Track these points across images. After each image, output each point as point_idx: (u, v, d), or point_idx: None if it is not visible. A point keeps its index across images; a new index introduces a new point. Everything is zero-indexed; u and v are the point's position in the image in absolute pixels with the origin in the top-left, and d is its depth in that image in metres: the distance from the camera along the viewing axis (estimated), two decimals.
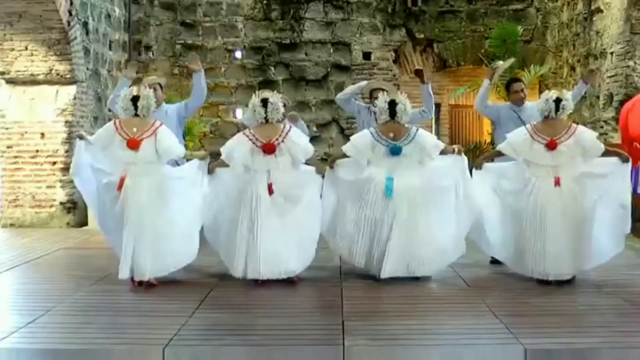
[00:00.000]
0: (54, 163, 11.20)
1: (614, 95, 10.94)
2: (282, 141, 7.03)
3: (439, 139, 7.93)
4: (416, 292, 6.85)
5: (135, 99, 6.95)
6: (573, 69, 12.73)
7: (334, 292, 6.74)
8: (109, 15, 12.76)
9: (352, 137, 7.45)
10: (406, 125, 7.23)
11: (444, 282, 7.24)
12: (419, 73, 8.32)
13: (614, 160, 7.16)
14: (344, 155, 7.32)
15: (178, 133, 7.63)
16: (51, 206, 11.22)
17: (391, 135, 7.13)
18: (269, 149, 6.98)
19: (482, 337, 5.33)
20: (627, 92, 10.65)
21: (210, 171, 7.20)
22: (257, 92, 7.22)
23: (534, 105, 7.61)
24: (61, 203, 11.21)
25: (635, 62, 10.64)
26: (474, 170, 7.39)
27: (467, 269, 7.62)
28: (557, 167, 7.01)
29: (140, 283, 6.90)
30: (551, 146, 7.00)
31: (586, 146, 7.05)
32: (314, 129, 7.76)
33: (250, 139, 7.05)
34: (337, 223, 7.27)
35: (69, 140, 11.10)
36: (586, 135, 7.16)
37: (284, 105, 7.36)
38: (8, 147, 11.24)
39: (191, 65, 7.97)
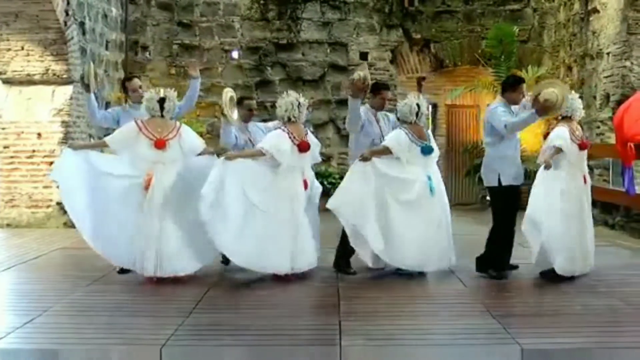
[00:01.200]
0: (51, 163, 11.12)
1: (610, 96, 10.96)
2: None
3: (435, 138, 7.99)
4: (413, 292, 6.86)
5: (162, 101, 7.22)
6: (570, 69, 12.74)
7: (330, 292, 6.75)
8: (105, 15, 12.74)
9: (390, 136, 7.49)
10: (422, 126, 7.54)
11: (441, 282, 7.26)
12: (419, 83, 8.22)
13: None
14: (384, 151, 7.39)
15: None
16: (48, 206, 11.20)
17: (417, 135, 7.40)
18: (304, 147, 7.24)
19: (479, 337, 5.34)
20: (623, 92, 10.66)
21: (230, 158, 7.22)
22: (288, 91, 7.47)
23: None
24: (58, 203, 11.16)
25: (631, 63, 10.66)
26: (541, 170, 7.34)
27: (464, 269, 7.63)
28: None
29: (158, 280, 7.05)
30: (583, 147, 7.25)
31: None
32: (311, 129, 7.75)
33: (290, 137, 7.23)
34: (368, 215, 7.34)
35: (66, 140, 11.08)
36: None
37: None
38: (4, 147, 11.22)
39: (190, 71, 8.05)
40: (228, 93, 7.59)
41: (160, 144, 7.11)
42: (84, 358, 5.09)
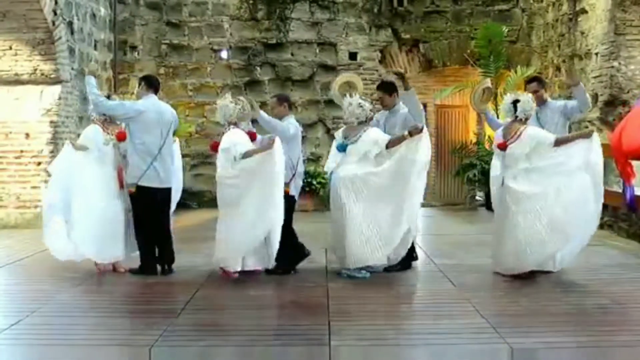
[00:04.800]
0: (39, 163, 11.13)
1: (598, 96, 11.00)
2: None
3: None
4: (402, 292, 6.87)
5: None
6: (558, 69, 12.78)
7: (320, 292, 6.74)
8: (94, 15, 12.70)
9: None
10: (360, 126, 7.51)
11: (430, 282, 7.26)
12: (401, 76, 7.82)
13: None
14: None
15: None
16: (36, 207, 11.13)
17: (347, 133, 7.55)
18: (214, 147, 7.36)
19: (468, 337, 5.35)
20: (611, 92, 10.71)
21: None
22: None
23: (555, 103, 7.69)
24: None
25: (619, 63, 10.70)
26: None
27: (453, 269, 7.65)
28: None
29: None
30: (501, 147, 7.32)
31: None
32: (300, 128, 7.74)
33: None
34: None
35: (54, 140, 11.05)
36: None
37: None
38: None
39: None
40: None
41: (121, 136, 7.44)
42: (73, 359, 5.07)
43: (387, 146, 7.33)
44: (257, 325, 5.62)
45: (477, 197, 14.40)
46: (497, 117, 9.17)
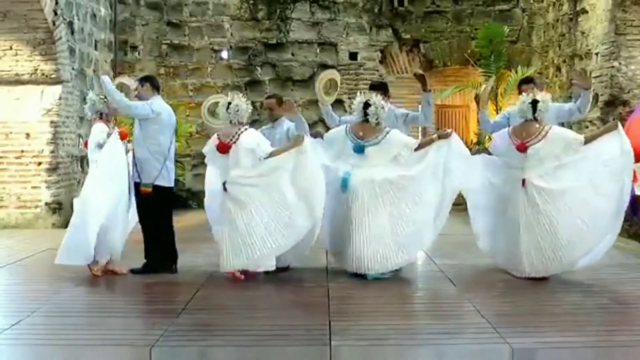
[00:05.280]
0: (39, 163, 11.13)
1: (599, 96, 10.99)
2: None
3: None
4: (403, 292, 6.87)
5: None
6: (559, 69, 12.77)
7: (320, 292, 6.74)
8: (94, 15, 12.70)
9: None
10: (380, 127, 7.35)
11: (431, 282, 7.27)
12: (420, 78, 7.75)
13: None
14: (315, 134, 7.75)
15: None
16: (36, 207, 11.15)
17: (357, 133, 7.34)
18: (222, 148, 7.19)
19: (468, 336, 5.35)
20: (612, 92, 10.70)
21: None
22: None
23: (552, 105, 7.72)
24: (46, 204, 11.14)
25: (620, 63, 10.69)
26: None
27: (454, 269, 7.65)
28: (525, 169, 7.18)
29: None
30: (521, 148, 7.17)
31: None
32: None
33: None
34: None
35: (55, 140, 11.05)
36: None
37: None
38: None
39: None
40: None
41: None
42: (73, 359, 5.06)
43: (416, 149, 7.29)
44: (257, 325, 5.61)
45: None
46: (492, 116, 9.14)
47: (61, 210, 11.18)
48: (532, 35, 14.02)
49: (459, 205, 7.73)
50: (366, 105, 7.28)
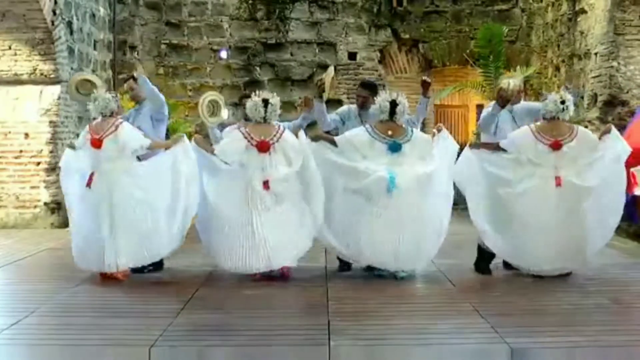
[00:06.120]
0: (38, 163, 11.13)
1: (598, 96, 10.99)
2: (277, 141, 7.23)
3: None
4: (402, 292, 6.86)
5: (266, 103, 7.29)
6: (558, 69, 12.78)
7: (319, 292, 6.74)
8: (93, 15, 12.69)
9: (350, 130, 7.55)
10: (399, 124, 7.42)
11: (430, 282, 7.26)
12: (425, 85, 7.93)
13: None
14: (327, 138, 7.52)
15: (153, 132, 7.70)
16: (35, 207, 11.14)
17: (386, 132, 7.31)
18: (263, 147, 7.14)
19: (467, 337, 5.34)
20: (611, 92, 10.71)
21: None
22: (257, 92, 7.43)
23: (532, 105, 7.70)
24: (45, 204, 11.14)
25: (618, 63, 10.69)
26: (467, 149, 7.57)
27: (453, 269, 7.65)
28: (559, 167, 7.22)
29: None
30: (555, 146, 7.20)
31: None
32: (280, 126, 7.74)
33: (245, 137, 7.22)
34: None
35: (53, 140, 11.04)
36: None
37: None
38: None
39: (133, 72, 7.98)
40: (207, 99, 7.89)
41: (95, 143, 7.14)
42: (72, 359, 5.06)
43: None
44: (257, 325, 5.61)
45: None
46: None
47: (60, 210, 11.16)
48: (531, 35, 14.03)
49: (457, 205, 7.72)
50: (393, 104, 7.31)
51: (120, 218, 7.05)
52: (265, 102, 7.25)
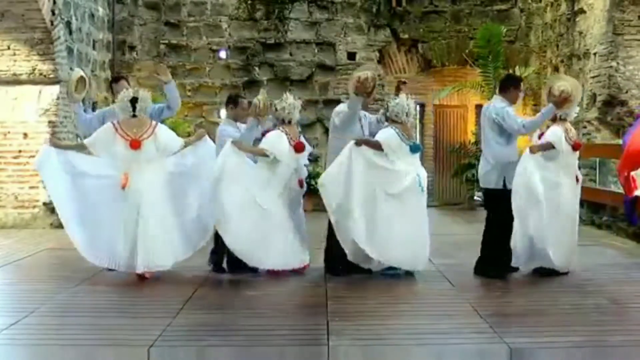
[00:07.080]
0: None
1: (597, 96, 11.01)
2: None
3: (423, 139, 8.06)
4: (401, 292, 6.87)
5: (134, 100, 7.25)
6: (557, 69, 12.78)
7: (318, 292, 6.74)
8: (92, 15, 12.68)
9: (382, 133, 7.44)
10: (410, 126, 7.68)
11: (429, 282, 7.26)
12: (398, 87, 7.90)
13: None
14: (375, 144, 7.39)
15: None
16: (34, 207, 11.13)
17: (407, 134, 7.47)
18: (300, 148, 7.42)
19: (466, 336, 5.35)
20: (610, 92, 10.72)
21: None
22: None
23: None
24: (44, 204, 11.11)
25: (617, 63, 10.71)
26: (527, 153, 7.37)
27: (452, 269, 7.65)
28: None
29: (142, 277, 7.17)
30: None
31: None
32: (299, 129, 7.74)
33: (287, 138, 7.41)
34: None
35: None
36: None
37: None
38: None
39: (161, 76, 7.89)
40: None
41: (135, 144, 7.17)
42: (71, 359, 5.06)
43: None
44: (256, 325, 5.62)
45: (475, 197, 14.39)
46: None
47: None
48: (530, 35, 14.04)
49: (459, 205, 7.74)
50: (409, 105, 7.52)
51: (154, 218, 7.17)
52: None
